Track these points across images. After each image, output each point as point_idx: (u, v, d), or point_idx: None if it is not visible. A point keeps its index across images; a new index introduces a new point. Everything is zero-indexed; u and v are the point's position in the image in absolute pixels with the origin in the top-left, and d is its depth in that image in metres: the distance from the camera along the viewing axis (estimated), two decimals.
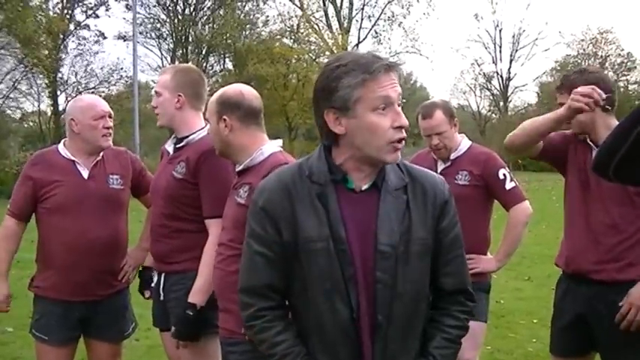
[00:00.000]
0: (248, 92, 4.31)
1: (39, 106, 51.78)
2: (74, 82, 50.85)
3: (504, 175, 5.55)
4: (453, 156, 5.62)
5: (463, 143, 5.70)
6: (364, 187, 2.93)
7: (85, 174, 5.18)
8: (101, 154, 5.25)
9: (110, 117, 5.24)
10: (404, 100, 2.97)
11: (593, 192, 4.62)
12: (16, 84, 48.25)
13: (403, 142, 2.90)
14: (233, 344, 4.03)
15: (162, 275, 4.87)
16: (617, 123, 4.56)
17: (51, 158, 5.26)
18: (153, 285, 4.97)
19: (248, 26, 55.62)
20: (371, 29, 62.61)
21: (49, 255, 5.19)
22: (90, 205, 5.11)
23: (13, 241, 5.29)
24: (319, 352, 2.94)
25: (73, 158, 5.19)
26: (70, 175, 5.16)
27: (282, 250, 2.93)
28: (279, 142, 4.32)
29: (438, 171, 5.39)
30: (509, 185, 5.54)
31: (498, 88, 76.43)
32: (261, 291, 2.98)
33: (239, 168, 4.20)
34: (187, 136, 4.81)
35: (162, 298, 4.85)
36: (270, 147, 4.20)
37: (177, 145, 4.85)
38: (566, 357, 4.85)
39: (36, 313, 5.33)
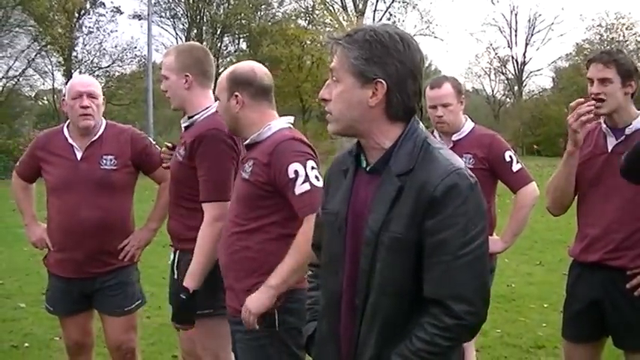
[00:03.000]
0: (259, 69, 4.30)
1: (53, 84, 51.74)
2: (87, 61, 50.84)
3: (510, 157, 5.60)
4: (455, 137, 5.65)
5: (467, 125, 5.74)
6: (368, 168, 2.90)
7: (79, 155, 5.27)
8: (98, 133, 5.32)
9: (90, 96, 5.25)
10: None
11: (607, 180, 4.61)
12: (30, 62, 48.25)
13: (328, 114, 2.94)
14: (238, 323, 4.05)
15: (177, 253, 4.88)
16: (635, 110, 4.59)
17: (54, 138, 5.40)
18: (169, 263, 4.98)
19: (263, 7, 55.50)
20: (386, 11, 62.46)
21: (50, 233, 5.42)
22: (80, 186, 5.19)
23: (28, 190, 5.66)
24: (318, 318, 3.11)
25: (70, 140, 5.31)
26: (65, 156, 5.28)
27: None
28: (290, 118, 4.31)
29: None
30: (515, 167, 5.60)
31: (513, 73, 76.10)
32: (314, 248, 3.30)
33: (246, 142, 4.21)
34: (194, 116, 4.80)
35: (176, 276, 4.86)
36: (278, 123, 4.20)
37: (185, 125, 4.85)
38: (578, 342, 4.84)
39: (48, 286, 5.55)
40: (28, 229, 5.59)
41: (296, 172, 3.90)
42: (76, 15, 49.83)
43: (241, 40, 57.74)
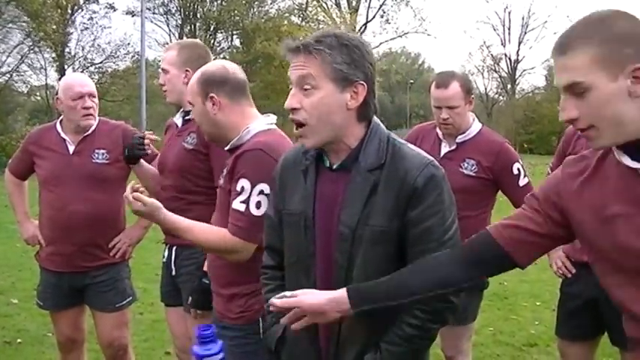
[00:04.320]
0: (231, 65, 4.11)
1: (46, 80, 51.67)
2: (81, 57, 50.79)
3: (519, 170, 5.08)
4: (459, 139, 5.14)
5: (474, 126, 5.18)
6: (335, 165, 2.93)
7: (72, 149, 5.29)
8: (91, 129, 5.34)
9: (91, 96, 5.28)
10: (411, 82, 2.95)
11: None
12: (23, 58, 48.18)
13: (299, 127, 2.92)
14: (224, 327, 4.00)
15: (174, 249, 4.86)
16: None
17: (46, 134, 5.41)
18: (164, 260, 4.97)
19: (256, 3, 55.46)
20: (379, 8, 62.53)
21: (41, 227, 5.45)
22: (71, 179, 5.20)
23: (21, 187, 5.65)
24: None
25: (63, 134, 5.33)
26: (57, 150, 5.30)
27: (279, 217, 3.12)
28: (272, 118, 4.10)
29: (442, 154, 5.11)
30: (522, 182, 5.07)
31: (506, 71, 76.29)
32: (267, 250, 3.27)
33: (227, 147, 3.96)
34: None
35: (173, 273, 4.85)
36: (258, 124, 3.96)
37: (187, 117, 4.81)
38: (572, 340, 4.87)
39: (39, 281, 5.57)
40: (20, 226, 5.59)
41: (242, 187, 3.69)
42: (70, 11, 49.79)
43: (235, 36, 57.74)
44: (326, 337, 2.95)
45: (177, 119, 4.93)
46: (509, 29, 74.22)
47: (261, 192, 3.65)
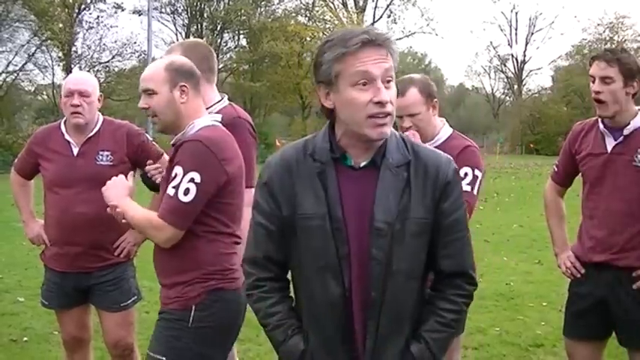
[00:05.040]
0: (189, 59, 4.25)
1: (53, 79, 51.61)
2: (87, 56, 50.83)
3: (466, 174, 4.60)
4: (429, 145, 4.68)
5: (443, 131, 4.86)
6: (362, 163, 2.91)
7: (75, 151, 5.27)
8: (95, 129, 5.31)
9: (82, 95, 5.21)
10: None
11: (609, 181, 4.61)
12: (30, 57, 48.21)
13: (388, 117, 2.83)
14: (160, 312, 4.08)
15: None
16: (635, 108, 4.60)
17: (51, 135, 5.38)
18: None
19: (263, 3, 55.55)
20: (386, 8, 62.69)
21: (46, 228, 5.44)
22: (76, 181, 5.18)
23: (27, 187, 5.64)
24: (309, 329, 3.00)
25: (67, 136, 5.31)
26: (62, 153, 5.27)
27: (281, 224, 2.99)
28: (217, 116, 4.20)
29: None
30: (465, 186, 4.44)
31: (513, 71, 76.41)
32: (261, 262, 3.06)
33: (172, 141, 4.05)
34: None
35: None
36: (203, 120, 4.06)
37: None
38: (580, 341, 4.84)
39: (43, 280, 5.56)
40: (25, 226, 5.59)
41: (176, 174, 3.82)
42: (77, 10, 49.83)
43: (241, 36, 57.83)
44: (362, 335, 2.92)
45: None
46: (516, 29, 74.52)
47: (192, 180, 3.77)
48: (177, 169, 3.81)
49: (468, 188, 4.52)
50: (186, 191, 3.77)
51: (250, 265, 3.10)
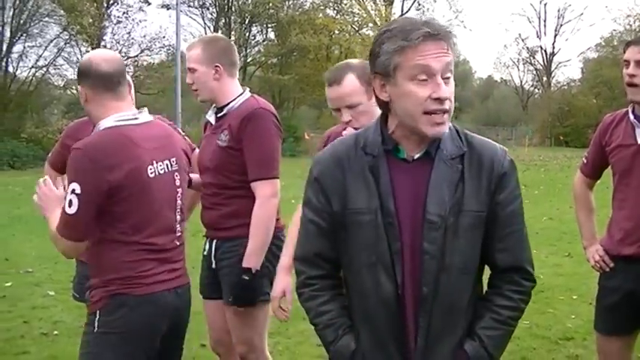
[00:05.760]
0: (98, 58, 4.03)
1: None
2: (116, 50, 51.04)
3: None
4: None
5: None
6: (416, 155, 2.86)
7: None
8: None
9: None
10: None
11: (639, 173, 4.58)
12: (60, 51, 48.49)
13: (445, 115, 2.76)
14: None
15: (214, 243, 4.87)
16: None
17: (82, 128, 5.31)
18: (204, 253, 4.98)
19: None
20: (415, 1, 62.44)
21: None
22: None
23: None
24: (361, 326, 2.94)
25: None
26: None
27: (332, 220, 2.93)
28: (124, 114, 3.99)
29: None
30: None
31: (542, 63, 76.02)
32: (312, 259, 3.01)
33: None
34: (227, 104, 4.81)
35: (214, 266, 4.87)
36: (107, 121, 3.93)
37: (219, 115, 4.85)
38: (611, 335, 4.82)
39: (75, 273, 5.68)
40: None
41: (68, 186, 3.80)
42: (105, 5, 50.03)
43: (269, 29, 57.79)
44: (414, 332, 2.87)
45: (210, 116, 4.94)
46: (544, 21, 74.13)
47: (73, 191, 3.72)
48: (68, 181, 3.84)
49: None
50: (70, 203, 3.73)
51: (301, 263, 3.06)
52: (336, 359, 3.00)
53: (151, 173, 3.89)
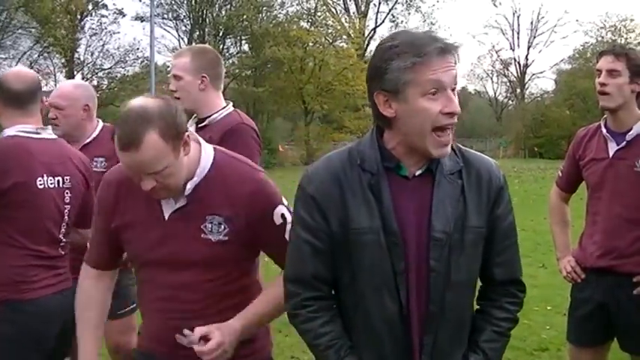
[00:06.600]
0: (11, 75, 4.25)
1: (55, 85, 51.72)
2: (90, 62, 50.95)
3: None
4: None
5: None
6: (418, 172, 2.80)
7: None
8: (92, 136, 5.33)
9: (56, 107, 5.24)
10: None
11: (610, 186, 4.60)
12: (33, 64, 48.29)
13: (451, 134, 2.71)
14: None
15: None
16: (638, 111, 4.60)
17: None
18: None
19: (265, 8, 55.51)
20: (388, 13, 62.77)
21: None
22: None
23: None
24: (364, 347, 2.85)
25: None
26: None
27: (329, 240, 2.82)
28: (31, 127, 4.17)
29: None
30: None
31: (515, 75, 76.50)
32: (308, 280, 2.87)
33: None
34: (209, 116, 4.77)
35: None
36: (9, 131, 4.10)
37: (199, 125, 4.80)
38: (583, 346, 4.83)
39: None
40: None
41: None
42: (79, 17, 49.93)
43: (244, 41, 57.85)
44: (419, 350, 2.82)
45: (191, 126, 4.91)
46: (518, 33, 74.57)
47: None
48: None
49: None
50: None
51: (295, 285, 2.90)
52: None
53: (40, 185, 4.04)
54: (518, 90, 76.06)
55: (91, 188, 4.44)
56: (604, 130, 4.66)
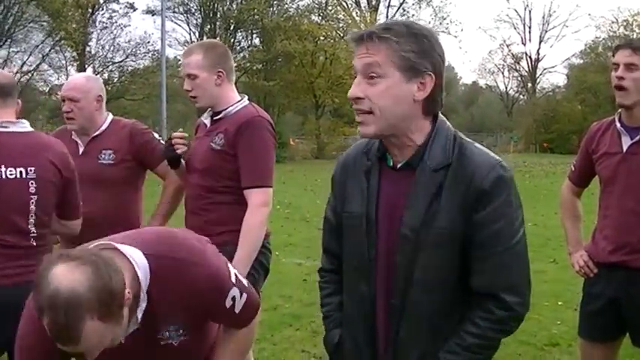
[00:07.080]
0: None
1: (67, 79, 51.74)
2: (101, 56, 51.01)
3: None
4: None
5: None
6: (399, 164, 2.81)
7: (81, 150, 5.32)
8: (101, 129, 5.35)
9: (71, 100, 5.27)
10: None
11: (623, 180, 4.57)
12: (44, 57, 48.44)
13: (364, 115, 2.71)
14: None
15: None
16: None
17: (63, 135, 5.39)
18: None
19: (275, 2, 55.53)
20: (399, 7, 62.69)
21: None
22: (81, 181, 5.09)
23: None
24: (344, 324, 3.05)
25: (74, 136, 5.38)
26: (71, 153, 5.21)
27: (338, 220, 3.04)
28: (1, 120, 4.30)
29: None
30: None
31: (527, 69, 76.26)
32: (325, 253, 3.22)
33: None
34: (225, 109, 4.78)
35: None
36: None
37: (215, 118, 4.82)
38: (595, 341, 4.81)
39: None
40: None
41: None
42: (90, 10, 49.96)
43: (254, 35, 57.89)
44: (384, 339, 2.88)
45: (206, 119, 4.91)
46: (529, 28, 74.79)
47: None
48: None
49: None
50: None
51: (322, 255, 3.26)
52: (325, 347, 3.18)
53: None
54: (530, 84, 75.92)
55: (68, 180, 4.51)
56: (618, 125, 4.63)
